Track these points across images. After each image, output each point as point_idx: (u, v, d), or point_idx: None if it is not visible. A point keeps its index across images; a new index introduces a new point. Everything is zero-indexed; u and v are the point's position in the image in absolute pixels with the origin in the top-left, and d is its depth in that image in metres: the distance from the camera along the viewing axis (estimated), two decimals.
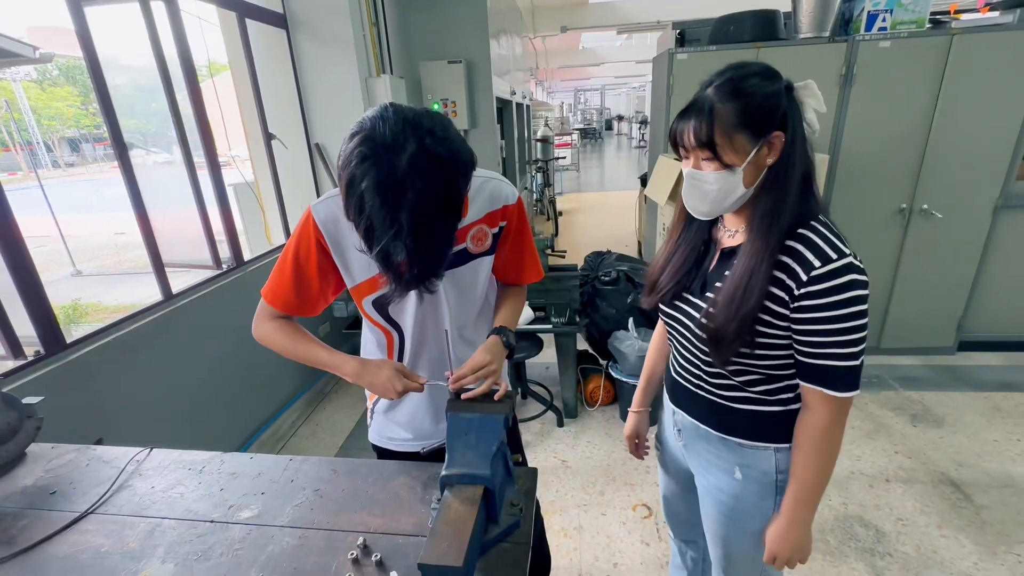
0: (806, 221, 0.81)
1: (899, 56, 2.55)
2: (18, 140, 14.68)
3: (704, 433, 0.98)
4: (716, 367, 0.90)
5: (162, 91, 2.03)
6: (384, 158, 0.72)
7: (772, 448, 0.91)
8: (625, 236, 6.05)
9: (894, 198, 2.77)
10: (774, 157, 0.81)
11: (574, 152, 13.17)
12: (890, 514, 1.93)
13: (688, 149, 0.84)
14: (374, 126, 0.74)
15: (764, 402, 0.91)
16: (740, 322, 0.81)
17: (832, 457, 0.84)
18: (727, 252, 0.90)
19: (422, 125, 0.74)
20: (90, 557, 0.86)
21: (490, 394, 0.93)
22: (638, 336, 2.48)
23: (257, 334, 1.07)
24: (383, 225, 0.74)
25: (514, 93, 5.14)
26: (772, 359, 0.86)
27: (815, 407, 0.83)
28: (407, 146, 0.72)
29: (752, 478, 0.93)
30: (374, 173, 0.72)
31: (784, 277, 0.79)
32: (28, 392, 1.45)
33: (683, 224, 0.98)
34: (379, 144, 0.73)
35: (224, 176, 2.40)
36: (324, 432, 2.67)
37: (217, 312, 2.20)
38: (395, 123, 0.74)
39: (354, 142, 0.74)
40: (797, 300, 0.79)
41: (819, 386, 0.81)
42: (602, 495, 2.11)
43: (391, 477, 1.02)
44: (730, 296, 0.82)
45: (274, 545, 0.87)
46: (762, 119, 0.78)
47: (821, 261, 0.76)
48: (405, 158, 0.72)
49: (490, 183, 1.02)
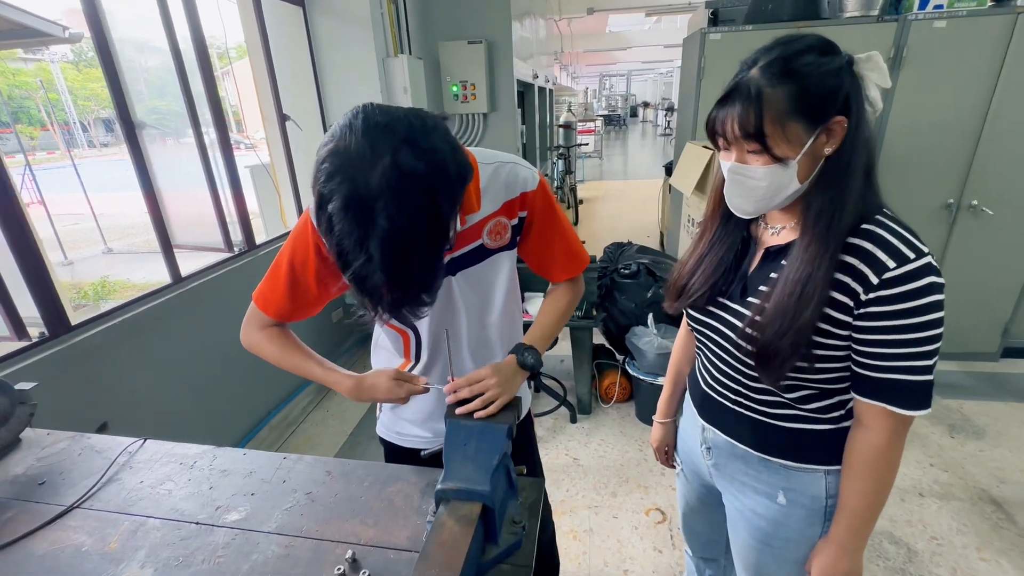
0: (870, 215, 0.70)
1: (955, 37, 2.34)
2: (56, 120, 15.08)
3: (742, 453, 0.88)
4: (763, 383, 0.80)
5: (190, 73, 1.99)
6: (351, 175, 0.61)
7: (823, 470, 0.81)
8: (647, 226, 5.89)
9: (940, 192, 2.58)
10: (833, 145, 0.70)
11: (597, 139, 12.89)
12: (924, 532, 1.81)
13: (731, 141, 0.73)
14: (342, 135, 0.63)
15: (814, 419, 0.81)
16: (796, 335, 0.70)
17: (890, 480, 0.75)
18: (772, 252, 0.80)
19: (396, 133, 0.62)
20: (69, 557, 0.82)
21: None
22: (657, 333, 2.37)
23: (246, 342, 1.01)
24: (354, 252, 0.63)
25: (536, 77, 4.99)
26: (829, 372, 0.76)
27: (873, 424, 0.73)
28: (378, 161, 0.61)
29: (798, 503, 0.83)
30: (342, 193, 0.61)
31: (848, 280, 0.69)
32: (32, 374, 1.44)
33: (719, 220, 0.87)
34: (346, 158, 0.61)
35: (248, 158, 2.36)
36: (334, 419, 2.65)
37: (227, 296, 2.17)
38: (364, 131, 0.62)
39: (322, 154, 0.64)
40: (864, 306, 0.69)
41: (882, 402, 0.71)
42: (614, 496, 2.04)
43: (387, 482, 0.96)
44: (782, 306, 0.71)
45: (258, 554, 0.81)
46: (821, 103, 0.67)
47: (896, 261, 0.66)
48: (376, 176, 0.60)
49: (504, 168, 0.91)
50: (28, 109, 16.55)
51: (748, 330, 0.77)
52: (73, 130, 18.90)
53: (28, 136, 17.01)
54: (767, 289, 0.76)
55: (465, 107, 3.63)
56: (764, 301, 0.75)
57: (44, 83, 13.69)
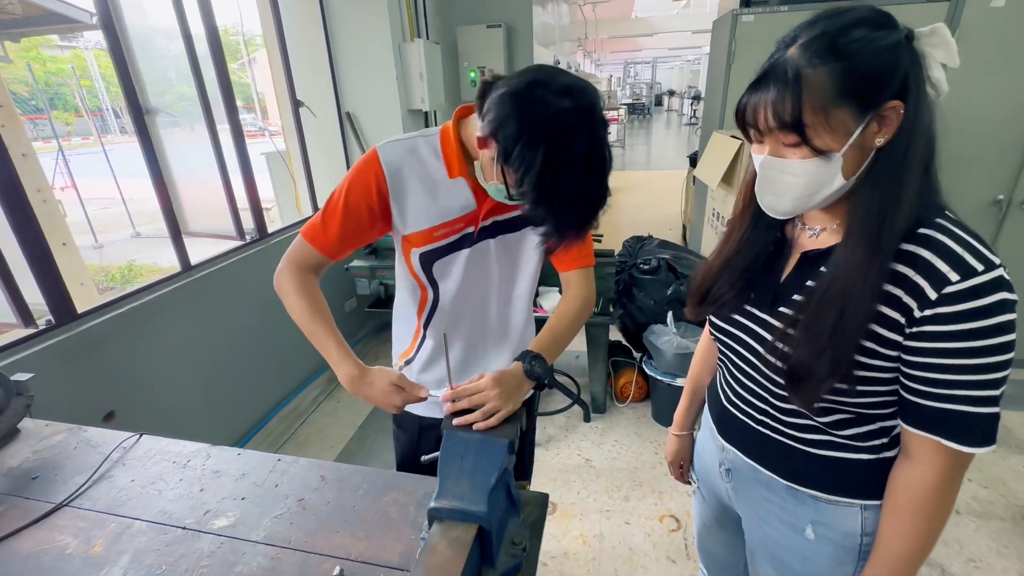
0: (929, 219, 0.61)
1: (1015, 17, 2.15)
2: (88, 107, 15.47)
3: (766, 480, 0.79)
4: (792, 404, 0.71)
5: (204, 59, 1.96)
6: (589, 125, 0.72)
7: (859, 505, 0.72)
8: (670, 219, 5.72)
9: (990, 187, 2.40)
10: (886, 135, 0.60)
11: (620, 128, 12.61)
12: (960, 552, 1.69)
13: (764, 131, 0.63)
14: (596, 100, 0.74)
15: (852, 447, 0.71)
16: (836, 354, 0.61)
17: (941, 523, 0.65)
18: (810, 257, 0.71)
19: (597, 96, 0.75)
20: (52, 559, 0.79)
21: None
22: (677, 332, 2.27)
23: (277, 283, 0.98)
24: (555, 135, 0.71)
25: (558, 63, 4.86)
26: (871, 396, 0.66)
27: (924, 459, 0.63)
28: (585, 96, 0.73)
29: (828, 539, 0.74)
30: (565, 82, 0.72)
31: (900, 294, 0.60)
32: (38, 361, 1.43)
33: (749, 219, 0.77)
34: (586, 110, 0.72)
35: (270, 146, 2.32)
36: (345, 410, 2.64)
37: (237, 284, 2.15)
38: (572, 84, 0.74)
39: (565, 103, 0.71)
40: (918, 324, 0.59)
41: (936, 435, 0.61)
42: (627, 501, 1.97)
43: (383, 491, 0.91)
44: (820, 320, 0.62)
45: (243, 565, 0.77)
46: (873, 85, 0.57)
47: (960, 273, 0.57)
48: (591, 102, 0.73)
49: None
50: (64, 96, 17.00)
51: (778, 344, 0.68)
52: (106, 116, 19.37)
53: (64, 122, 17.48)
54: (802, 299, 0.67)
55: None
56: (798, 312, 0.66)
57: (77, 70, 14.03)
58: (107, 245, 7.21)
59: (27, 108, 12.54)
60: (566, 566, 1.70)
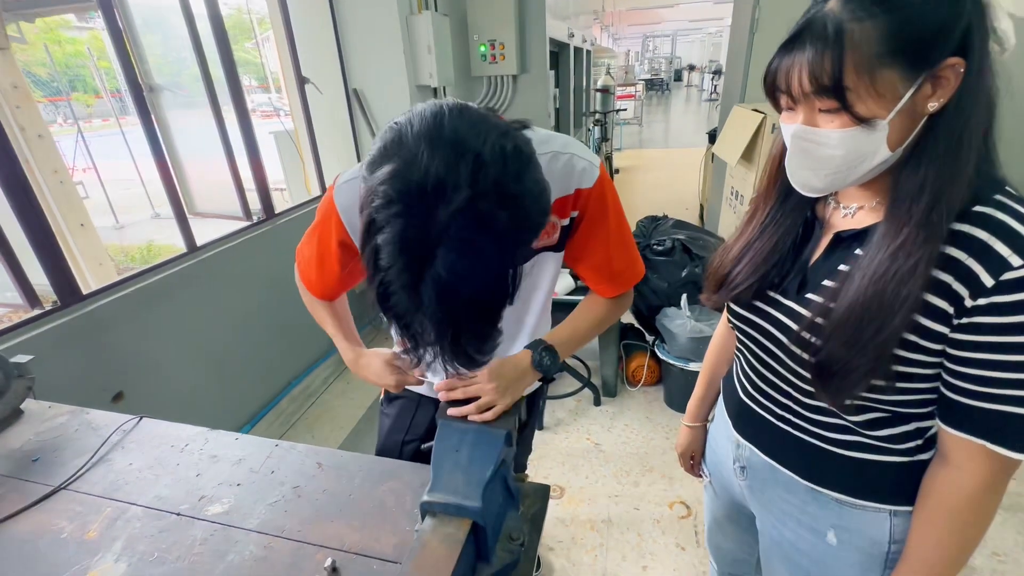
0: (986, 195, 0.53)
1: None
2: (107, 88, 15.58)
3: (784, 480, 0.74)
4: (819, 400, 0.65)
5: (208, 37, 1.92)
6: (414, 208, 0.48)
7: (888, 511, 0.66)
8: (687, 198, 5.57)
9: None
10: (941, 99, 0.52)
11: (637, 104, 12.27)
12: (984, 547, 1.63)
13: (797, 98, 0.56)
14: (415, 148, 0.49)
15: (884, 449, 0.65)
16: (875, 349, 0.55)
17: (980, 533, 0.59)
18: (844, 238, 0.63)
19: (485, 165, 0.48)
20: (47, 544, 0.79)
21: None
22: (691, 315, 2.20)
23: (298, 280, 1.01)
24: (401, 295, 0.52)
25: (572, 36, 4.69)
26: (909, 393, 0.60)
27: (965, 464, 0.58)
28: (453, 197, 0.48)
29: (853, 545, 0.69)
30: (397, 227, 0.49)
31: (950, 280, 0.53)
32: (44, 343, 1.44)
33: (774, 198, 0.70)
34: (412, 185, 0.48)
35: (279, 126, 2.28)
36: (355, 391, 2.64)
37: (245, 265, 2.14)
38: (451, 154, 0.48)
39: (384, 172, 0.49)
40: (968, 314, 0.52)
41: (982, 439, 0.55)
42: (636, 486, 1.94)
43: (380, 480, 0.89)
44: (857, 309, 0.55)
45: (235, 554, 0.76)
46: (929, 41, 0.50)
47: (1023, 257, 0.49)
48: (445, 215, 0.48)
49: (560, 159, 0.77)
50: (84, 77, 17.13)
51: (806, 334, 0.61)
52: (124, 97, 19.54)
53: (84, 104, 17.65)
54: (835, 285, 0.60)
55: (493, 68, 3.43)
56: (830, 300, 0.59)
57: (93, 51, 14.09)
58: (128, 226, 7.33)
59: (49, 90, 12.68)
60: (573, 552, 1.69)
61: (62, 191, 2.58)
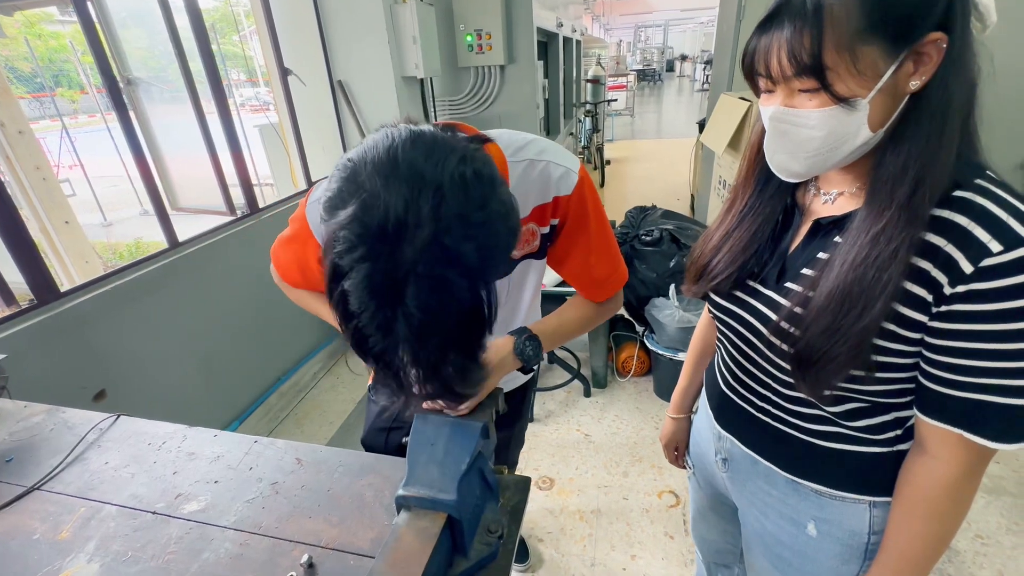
0: (967, 179, 0.52)
1: None
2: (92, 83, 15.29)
3: (765, 471, 0.73)
4: (799, 391, 0.64)
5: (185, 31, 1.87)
6: (377, 251, 0.46)
7: (868, 502, 0.66)
8: (679, 189, 5.57)
9: (1014, 150, 2.26)
10: (923, 77, 0.51)
11: (629, 95, 12.22)
12: (967, 529, 1.65)
13: (776, 79, 0.54)
14: (373, 192, 0.46)
15: (863, 440, 0.65)
16: (853, 337, 0.54)
17: (956, 523, 0.59)
18: (823, 225, 0.62)
19: (445, 196, 0.46)
20: (19, 545, 0.77)
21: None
22: (679, 305, 2.20)
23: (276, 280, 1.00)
24: (375, 337, 0.50)
25: (561, 25, 4.65)
26: (888, 383, 0.59)
27: (943, 454, 0.57)
28: (416, 233, 0.45)
29: (832, 536, 0.69)
30: (364, 271, 0.46)
31: (928, 267, 0.52)
32: (21, 341, 1.41)
33: (752, 186, 0.69)
34: (373, 226, 0.45)
35: (264, 120, 2.24)
36: (344, 386, 2.63)
37: (229, 261, 2.12)
38: (409, 190, 0.45)
39: (343, 216, 0.46)
40: (947, 302, 0.51)
41: (960, 428, 0.54)
42: (625, 476, 1.95)
43: (360, 474, 0.88)
44: (836, 297, 0.54)
45: (210, 552, 0.75)
46: (911, 15, 0.49)
47: (1004, 243, 0.48)
48: (410, 252, 0.45)
49: (536, 166, 0.75)
50: (68, 73, 16.81)
51: (784, 324, 0.60)
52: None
53: (70, 100, 17.32)
54: (813, 273, 0.59)
55: (480, 58, 3.40)
56: (809, 288, 0.58)
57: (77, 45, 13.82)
58: (115, 223, 7.24)
59: (33, 86, 12.43)
60: (562, 542, 1.70)
61: (45, 188, 2.53)
